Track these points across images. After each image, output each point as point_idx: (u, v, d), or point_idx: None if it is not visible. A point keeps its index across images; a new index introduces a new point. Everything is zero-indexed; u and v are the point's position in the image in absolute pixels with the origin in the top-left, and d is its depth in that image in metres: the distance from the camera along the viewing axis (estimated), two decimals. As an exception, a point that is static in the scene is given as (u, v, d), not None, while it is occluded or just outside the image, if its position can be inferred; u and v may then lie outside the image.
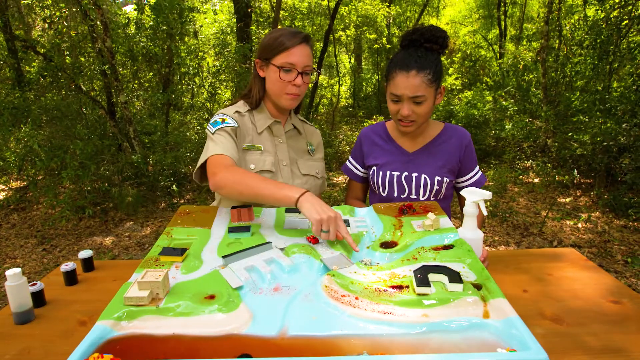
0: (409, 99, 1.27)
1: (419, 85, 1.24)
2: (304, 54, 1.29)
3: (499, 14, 10.55)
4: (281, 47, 1.28)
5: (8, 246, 4.00)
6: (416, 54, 1.26)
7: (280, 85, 1.31)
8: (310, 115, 8.78)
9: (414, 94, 1.25)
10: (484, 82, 9.76)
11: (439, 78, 1.28)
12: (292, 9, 8.92)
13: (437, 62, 1.28)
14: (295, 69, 1.29)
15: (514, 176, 5.64)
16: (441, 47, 1.29)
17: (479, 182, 1.45)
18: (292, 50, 1.28)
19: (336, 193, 5.41)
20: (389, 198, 1.46)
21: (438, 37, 1.27)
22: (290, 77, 1.30)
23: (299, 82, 1.31)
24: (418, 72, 1.24)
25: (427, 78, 1.24)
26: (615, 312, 0.98)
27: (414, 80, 1.24)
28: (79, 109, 5.29)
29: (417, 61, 1.24)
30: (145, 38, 5.55)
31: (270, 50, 1.30)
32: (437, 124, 1.46)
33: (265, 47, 1.31)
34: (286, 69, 1.29)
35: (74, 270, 1.17)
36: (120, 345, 0.70)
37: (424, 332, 0.72)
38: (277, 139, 1.41)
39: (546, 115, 6.02)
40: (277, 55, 1.28)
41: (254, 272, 0.89)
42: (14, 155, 4.99)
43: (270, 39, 1.31)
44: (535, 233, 4.02)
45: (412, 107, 1.28)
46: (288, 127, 1.44)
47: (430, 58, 1.26)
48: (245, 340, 0.72)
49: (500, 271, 1.20)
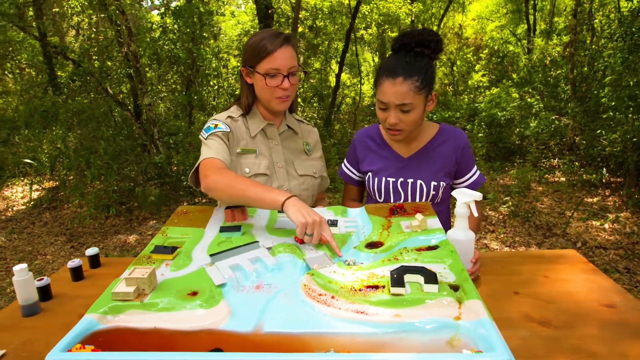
0: (395, 107, 1.24)
1: (406, 93, 1.21)
2: (286, 56, 1.29)
3: (528, 8, 10.25)
4: (263, 52, 1.27)
5: (39, 243, 4.21)
6: (404, 60, 1.23)
7: (268, 91, 1.32)
8: (333, 115, 8.81)
9: (401, 101, 1.22)
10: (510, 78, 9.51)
11: (429, 84, 1.24)
12: (313, 9, 8.95)
13: (427, 67, 1.24)
14: (280, 73, 1.29)
15: (539, 175, 5.48)
16: (433, 52, 1.25)
17: (477, 182, 1.43)
18: (274, 54, 1.27)
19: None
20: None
21: (430, 40, 1.23)
22: (276, 82, 1.30)
23: (286, 86, 1.31)
24: (405, 79, 1.20)
25: (415, 85, 1.21)
26: (607, 316, 0.96)
27: (401, 88, 1.21)
28: (106, 111, 5.50)
29: (404, 67, 1.21)
30: (168, 41, 5.71)
31: (253, 57, 1.30)
32: (432, 126, 1.43)
33: (248, 54, 1.32)
34: (271, 75, 1.29)
35: (80, 267, 1.24)
36: (103, 337, 0.75)
37: (394, 332, 0.73)
38: (271, 142, 1.43)
39: (573, 112, 5.81)
40: (260, 62, 1.29)
41: (238, 271, 0.92)
42: (46, 157, 5.25)
43: (252, 44, 1.31)
44: (558, 234, 3.91)
45: (400, 116, 1.25)
46: (282, 128, 1.46)
47: (420, 63, 1.22)
48: (221, 335, 0.75)
49: (495, 272, 1.19)
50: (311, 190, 1.47)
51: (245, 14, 11.00)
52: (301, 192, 1.44)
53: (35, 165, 5.46)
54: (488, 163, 6.33)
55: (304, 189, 1.44)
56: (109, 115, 5.77)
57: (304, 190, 1.44)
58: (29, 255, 3.94)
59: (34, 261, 3.80)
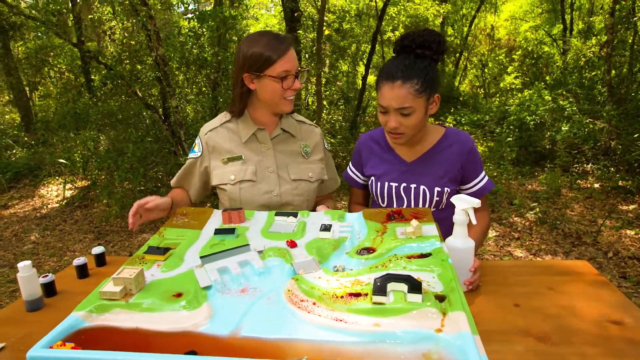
0: (395, 111, 1.22)
1: (405, 97, 1.19)
2: (294, 57, 1.32)
3: (564, 7, 9.87)
4: (275, 56, 1.29)
5: (69, 240, 4.39)
6: (404, 63, 1.20)
7: (280, 93, 1.34)
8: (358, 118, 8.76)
9: (400, 105, 1.20)
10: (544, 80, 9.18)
11: (431, 86, 1.21)
12: (340, 11, 8.95)
13: (428, 70, 1.21)
14: (291, 75, 1.32)
15: (571, 180, 5.26)
16: (435, 53, 1.22)
17: (485, 188, 1.38)
18: (286, 56, 1.29)
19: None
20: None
21: (431, 42, 1.20)
22: (290, 84, 1.34)
23: (298, 86, 1.35)
24: (404, 83, 1.18)
25: (415, 88, 1.19)
26: (612, 333, 0.90)
27: (399, 92, 1.19)
28: (136, 113, 5.68)
29: (403, 70, 1.19)
30: (197, 45, 5.84)
31: (261, 63, 1.30)
32: (437, 129, 1.39)
33: (254, 60, 1.30)
34: (283, 77, 1.31)
35: (85, 265, 1.28)
36: (85, 335, 0.76)
37: (370, 342, 0.71)
38: (263, 146, 1.43)
39: (609, 116, 5.55)
40: (271, 65, 1.29)
41: (226, 273, 0.93)
42: (79, 157, 5.47)
43: (257, 51, 1.29)
44: (588, 242, 3.73)
45: (400, 119, 1.23)
46: (276, 132, 1.45)
47: (420, 66, 1.20)
48: (198, 338, 0.75)
49: (497, 283, 1.14)
50: (306, 195, 1.45)
51: (273, 17, 11.14)
52: (294, 197, 1.43)
53: (69, 165, 5.71)
54: (516, 167, 6.12)
55: (297, 194, 1.43)
56: (140, 118, 5.97)
57: (297, 196, 1.43)
58: (59, 251, 4.11)
59: (63, 257, 3.96)
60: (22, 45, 10.17)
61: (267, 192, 1.40)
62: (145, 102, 5.10)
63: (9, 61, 8.32)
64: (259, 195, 1.40)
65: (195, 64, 6.09)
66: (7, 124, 10.49)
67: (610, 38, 6.07)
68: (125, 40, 5.99)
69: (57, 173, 6.35)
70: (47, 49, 9.30)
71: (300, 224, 1.16)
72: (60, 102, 8.08)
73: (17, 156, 7.39)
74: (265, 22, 10.62)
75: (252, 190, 1.40)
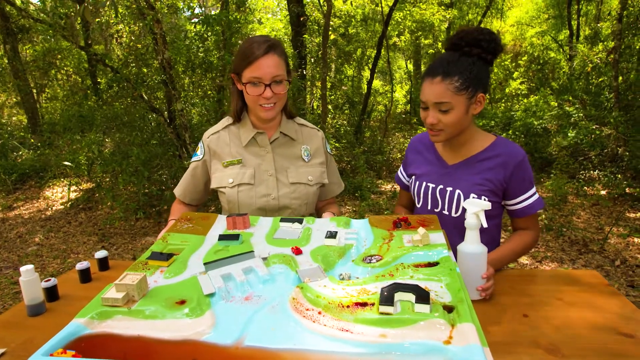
0: (433, 106, 1.21)
1: (443, 92, 1.18)
2: (270, 64, 1.27)
3: (570, 13, 9.84)
4: (247, 60, 1.27)
5: (73, 242, 4.39)
6: (447, 59, 1.19)
7: (253, 99, 1.33)
8: (363, 122, 8.75)
9: (438, 100, 1.19)
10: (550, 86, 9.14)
11: (474, 85, 1.18)
12: (346, 16, 8.96)
13: (472, 67, 1.18)
14: (262, 82, 1.28)
15: (577, 187, 5.21)
16: (484, 51, 1.19)
17: (532, 207, 1.28)
18: (256, 63, 1.26)
19: (382, 201, 5.33)
20: (422, 210, 1.41)
21: (481, 40, 1.18)
22: (258, 91, 1.30)
23: (268, 95, 1.30)
24: (443, 79, 1.17)
25: (454, 85, 1.17)
26: (624, 346, 0.88)
27: (438, 87, 1.18)
28: (141, 116, 5.70)
29: (445, 67, 1.18)
30: (202, 49, 5.87)
31: (239, 64, 1.31)
32: (487, 136, 1.33)
33: (235, 62, 1.32)
34: (253, 83, 1.29)
35: (88, 269, 1.27)
36: (86, 342, 0.75)
37: (376, 353, 0.70)
38: (262, 150, 1.43)
39: (616, 122, 5.50)
40: (244, 69, 1.29)
41: (230, 280, 0.91)
42: (84, 159, 5.50)
43: (239, 51, 1.31)
44: (595, 250, 3.69)
45: (438, 115, 1.22)
46: (276, 135, 1.45)
47: (464, 63, 1.18)
48: (201, 347, 0.74)
49: (504, 293, 1.12)
50: (304, 198, 1.44)
51: (279, 22, 11.18)
52: (291, 200, 1.42)
53: (74, 168, 5.73)
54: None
55: (294, 197, 1.42)
56: (145, 121, 5.99)
57: (294, 199, 1.42)
58: (63, 253, 4.11)
59: (67, 259, 3.96)
60: (30, 48, 10.27)
61: (265, 195, 1.40)
62: (151, 105, 5.12)
63: (17, 64, 8.39)
64: (256, 198, 1.40)
65: (200, 68, 6.11)
66: (14, 125, 10.56)
67: (618, 44, 6.03)
68: (132, 43, 6.03)
69: (62, 175, 6.38)
70: (54, 51, 9.38)
71: (306, 231, 1.14)
72: (66, 104, 8.13)
73: (23, 158, 7.44)
74: (271, 26, 10.65)
75: (249, 193, 1.40)
